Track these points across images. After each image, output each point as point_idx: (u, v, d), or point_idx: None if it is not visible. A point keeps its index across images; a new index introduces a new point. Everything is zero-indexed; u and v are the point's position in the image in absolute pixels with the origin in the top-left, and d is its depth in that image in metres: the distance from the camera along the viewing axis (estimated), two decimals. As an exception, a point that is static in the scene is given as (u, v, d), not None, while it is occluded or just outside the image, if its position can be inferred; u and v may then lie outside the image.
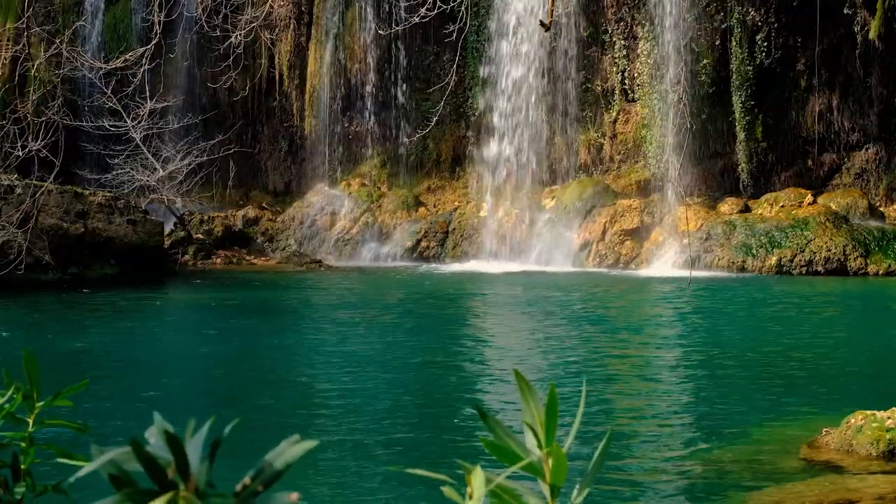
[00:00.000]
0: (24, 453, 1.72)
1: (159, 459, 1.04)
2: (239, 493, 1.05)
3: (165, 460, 1.04)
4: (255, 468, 1.07)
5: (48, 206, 18.49)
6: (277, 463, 1.07)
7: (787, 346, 12.92)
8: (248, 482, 1.06)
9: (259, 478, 1.06)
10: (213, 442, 1.08)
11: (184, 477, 1.03)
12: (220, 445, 1.07)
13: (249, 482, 1.06)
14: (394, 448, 8.08)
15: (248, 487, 1.05)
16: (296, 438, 1.10)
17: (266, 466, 1.07)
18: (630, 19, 24.44)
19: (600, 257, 23.18)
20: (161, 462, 1.04)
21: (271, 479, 1.07)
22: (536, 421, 1.16)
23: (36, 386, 1.72)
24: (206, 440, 1.07)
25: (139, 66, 13.88)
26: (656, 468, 7.56)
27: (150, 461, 1.04)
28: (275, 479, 1.07)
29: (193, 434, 1.07)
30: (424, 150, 26.65)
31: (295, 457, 1.08)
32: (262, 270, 23.54)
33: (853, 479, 6.94)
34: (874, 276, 21.34)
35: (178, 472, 1.03)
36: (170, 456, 1.04)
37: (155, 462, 1.04)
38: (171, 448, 1.04)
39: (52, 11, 27.51)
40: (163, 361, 12.15)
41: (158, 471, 1.03)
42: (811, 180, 24.02)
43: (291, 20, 27.38)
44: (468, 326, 15.56)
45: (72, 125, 18.71)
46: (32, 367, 1.68)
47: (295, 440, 1.10)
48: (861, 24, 23.07)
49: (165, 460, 1.04)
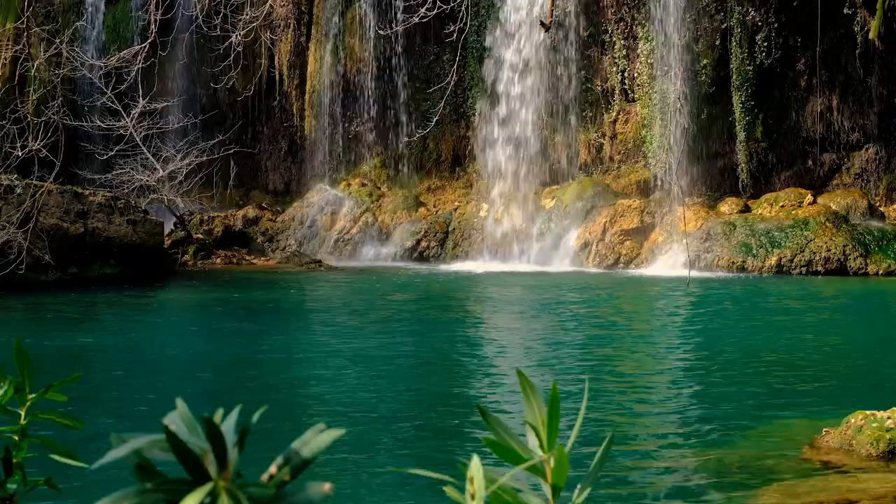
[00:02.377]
0: (17, 447, 1.71)
1: (193, 447, 1.00)
2: (266, 482, 1.02)
3: (200, 448, 1.01)
4: (282, 456, 1.04)
5: (48, 206, 18.48)
6: (304, 452, 1.05)
7: (787, 345, 12.92)
8: (275, 471, 1.03)
9: (286, 466, 1.04)
10: (242, 430, 1.05)
11: (221, 466, 1.00)
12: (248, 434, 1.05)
13: (276, 471, 1.03)
14: (394, 448, 8.08)
15: (274, 476, 1.03)
16: (322, 427, 1.08)
17: (293, 455, 1.04)
18: (630, 19, 24.44)
19: (600, 257, 23.17)
20: (197, 451, 1.00)
21: (299, 469, 1.04)
22: (539, 421, 1.16)
23: (28, 378, 1.70)
24: (235, 427, 1.05)
25: (134, 65, 13.88)
26: (656, 468, 7.55)
27: (184, 449, 0.99)
28: (302, 468, 1.04)
29: (222, 421, 1.05)
30: (424, 150, 26.65)
31: (322, 446, 1.05)
32: (262, 270, 23.53)
33: (853, 479, 6.94)
34: (874, 276, 21.34)
35: (217, 460, 0.99)
36: (200, 443, 1.01)
37: (190, 451, 1.00)
38: (209, 434, 1.00)
39: (52, 11, 27.51)
40: (162, 361, 12.14)
41: (194, 460, 0.99)
42: (811, 180, 24.01)
43: (291, 20, 27.38)
44: (468, 326, 15.55)
45: (72, 125, 18.72)
46: (24, 359, 1.67)
47: (321, 428, 1.07)
48: (861, 24, 23.07)
49: (200, 448, 1.01)
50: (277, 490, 1.00)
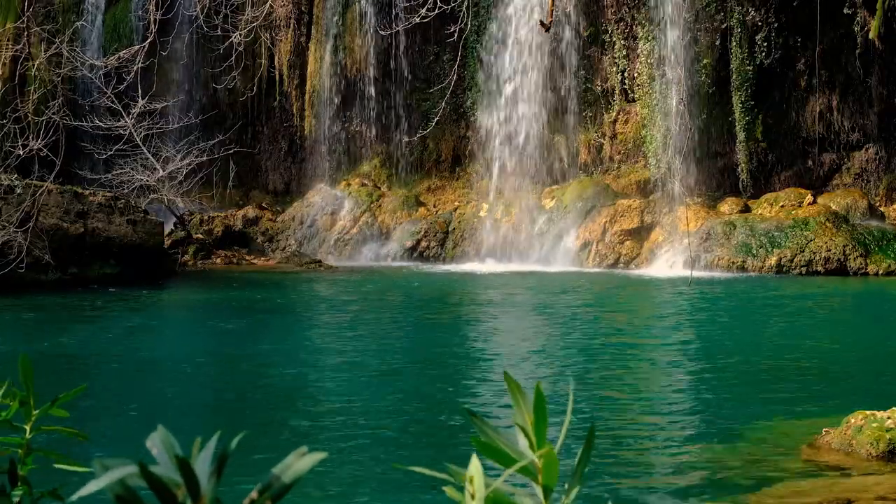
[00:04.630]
0: (22, 462, 1.70)
1: (167, 481, 1.01)
2: None
3: (174, 482, 1.01)
4: (263, 482, 1.04)
5: (48, 206, 18.48)
6: (286, 476, 1.04)
7: (787, 345, 12.92)
8: (256, 496, 1.03)
9: (267, 492, 1.03)
10: (220, 457, 1.05)
11: (195, 500, 1.00)
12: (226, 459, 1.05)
13: (257, 496, 1.03)
14: (392, 448, 8.08)
15: (255, 502, 1.02)
16: (303, 451, 1.07)
17: (274, 480, 1.04)
18: (630, 19, 24.44)
19: (600, 257, 23.17)
20: (170, 484, 1.01)
21: (279, 494, 1.03)
22: (527, 422, 1.16)
23: (32, 392, 1.69)
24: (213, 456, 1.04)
25: (135, 65, 13.89)
26: (656, 468, 7.56)
27: (158, 484, 1.00)
28: (283, 493, 1.04)
29: (200, 450, 1.04)
30: (424, 150, 26.65)
31: (303, 470, 1.05)
32: (261, 270, 23.53)
33: (853, 479, 6.94)
34: (874, 276, 21.33)
35: (190, 494, 1.00)
36: (176, 475, 1.01)
37: (164, 486, 1.00)
38: (182, 471, 1.00)
39: (52, 11, 27.51)
40: (162, 361, 12.14)
41: (168, 495, 1.00)
42: (811, 180, 24.01)
43: (291, 20, 27.37)
44: (468, 327, 15.55)
45: (72, 125, 18.71)
46: (28, 373, 1.66)
47: (302, 452, 1.07)
48: (861, 24, 23.06)
49: (174, 482, 1.01)
50: None
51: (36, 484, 1.70)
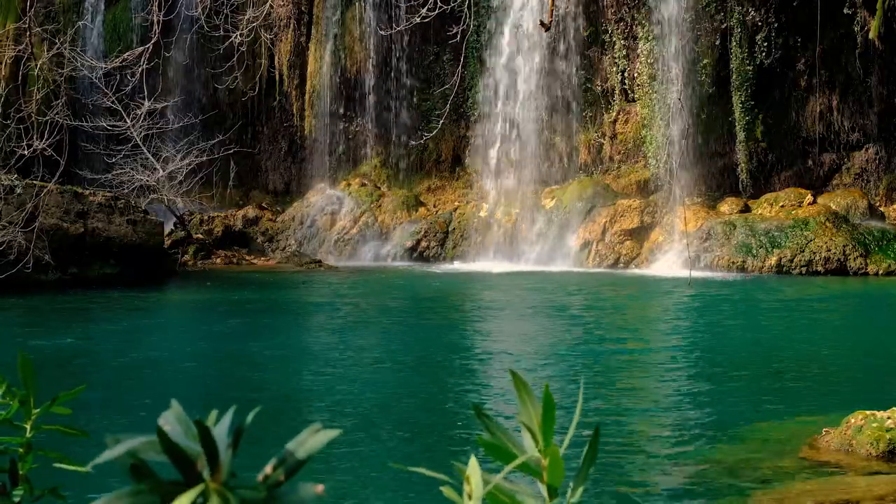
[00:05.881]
0: (22, 460, 1.71)
1: (187, 449, 1.00)
2: (260, 483, 1.01)
3: (193, 451, 1.01)
4: (277, 457, 1.04)
5: (48, 206, 18.48)
6: (300, 452, 1.04)
7: (787, 346, 12.92)
8: (270, 471, 1.03)
9: (281, 467, 1.03)
10: (236, 430, 1.04)
11: (213, 469, 1.00)
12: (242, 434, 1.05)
13: (271, 471, 1.03)
14: (392, 447, 8.09)
15: (269, 477, 1.02)
16: (317, 427, 1.07)
17: (288, 456, 1.04)
18: (630, 19, 24.44)
19: (600, 257, 23.18)
20: (189, 453, 1.01)
21: (293, 469, 1.03)
22: (533, 421, 1.16)
23: (32, 391, 1.70)
24: (229, 429, 1.05)
25: (138, 66, 13.88)
26: (656, 468, 7.56)
27: (176, 452, 0.99)
28: (297, 468, 1.04)
29: (216, 423, 1.05)
30: (424, 150, 26.65)
31: (317, 446, 1.05)
32: (262, 270, 23.53)
33: (853, 479, 6.94)
34: (874, 276, 21.33)
35: (209, 463, 0.99)
36: (193, 445, 1.01)
37: (183, 453, 0.99)
38: (201, 437, 0.99)
39: (52, 11, 27.51)
40: (162, 361, 12.14)
41: (187, 462, 0.99)
42: (811, 180, 24.01)
43: (291, 20, 27.38)
44: (468, 326, 15.56)
45: (73, 125, 18.72)
46: (28, 372, 1.66)
47: (317, 429, 1.07)
48: (861, 24, 23.06)
49: (193, 451, 1.01)
50: (269, 492, 1.00)
51: (36, 483, 1.71)
